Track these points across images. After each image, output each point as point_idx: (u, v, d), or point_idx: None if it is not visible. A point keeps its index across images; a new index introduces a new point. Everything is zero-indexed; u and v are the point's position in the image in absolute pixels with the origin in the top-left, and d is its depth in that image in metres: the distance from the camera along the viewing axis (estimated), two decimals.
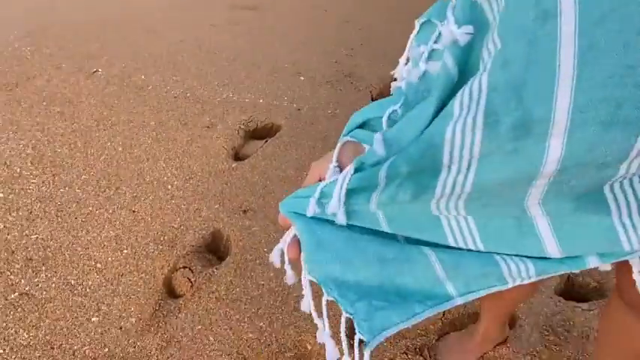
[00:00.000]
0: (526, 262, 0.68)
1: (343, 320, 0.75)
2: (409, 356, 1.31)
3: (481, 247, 0.68)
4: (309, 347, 1.37)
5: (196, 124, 2.11)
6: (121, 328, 1.37)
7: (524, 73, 0.52)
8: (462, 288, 0.70)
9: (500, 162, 0.57)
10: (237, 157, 2.00)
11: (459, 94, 0.59)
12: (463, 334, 1.35)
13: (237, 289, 1.47)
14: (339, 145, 0.78)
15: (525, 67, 0.52)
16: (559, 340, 1.37)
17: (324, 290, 0.74)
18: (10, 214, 1.67)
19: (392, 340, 1.35)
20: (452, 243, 0.70)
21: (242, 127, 2.08)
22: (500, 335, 1.32)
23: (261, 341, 1.36)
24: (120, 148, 1.96)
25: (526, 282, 0.68)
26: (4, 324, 1.36)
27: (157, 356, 1.31)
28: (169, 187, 1.81)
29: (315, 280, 0.73)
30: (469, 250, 0.69)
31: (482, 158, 0.58)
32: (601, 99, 0.49)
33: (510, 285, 0.68)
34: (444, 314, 1.42)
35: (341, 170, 0.73)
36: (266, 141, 2.03)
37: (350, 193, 0.67)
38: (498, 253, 0.69)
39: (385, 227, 0.72)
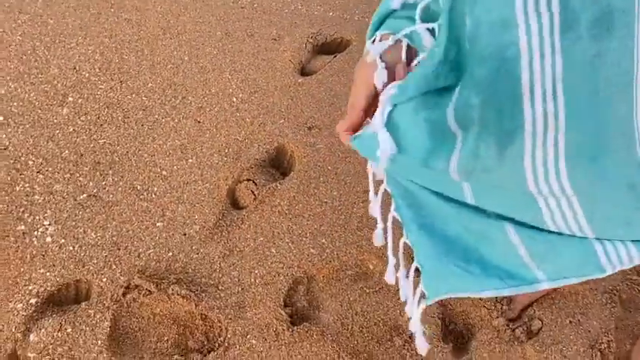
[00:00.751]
0: (628, 245, 0.59)
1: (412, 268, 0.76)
2: None
3: (588, 232, 0.60)
4: (371, 267, 1.34)
5: (263, 36, 2.03)
6: (185, 234, 1.38)
7: None
8: (552, 274, 0.63)
9: (588, 69, 0.48)
10: (304, 71, 1.92)
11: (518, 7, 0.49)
12: None
13: (300, 205, 1.44)
14: (377, 41, 0.71)
15: None
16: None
17: (404, 231, 0.74)
18: (79, 118, 1.68)
19: None
20: (551, 227, 0.62)
21: (310, 40, 1.98)
22: None
23: (323, 257, 1.34)
24: (186, 58, 1.92)
25: (627, 267, 0.61)
26: (74, 223, 1.40)
27: (219, 263, 1.32)
28: (234, 99, 1.76)
29: (398, 218, 0.74)
30: (563, 235, 0.62)
31: (567, 69, 0.49)
32: None
33: (609, 273, 0.61)
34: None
35: (389, 71, 0.67)
36: (335, 56, 1.94)
37: (427, 155, 0.59)
38: (600, 239, 0.60)
39: (470, 200, 0.66)
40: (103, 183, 1.50)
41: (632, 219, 0.57)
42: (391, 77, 0.68)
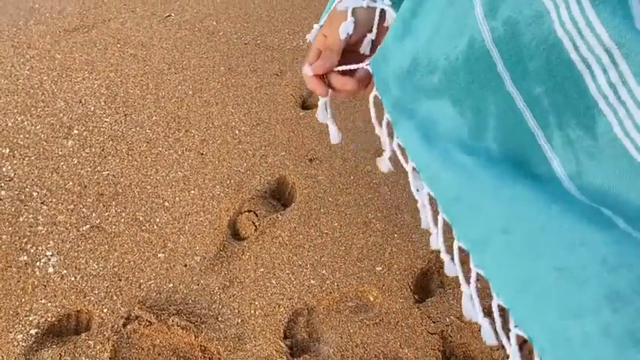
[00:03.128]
0: None
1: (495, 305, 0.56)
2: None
3: None
4: (372, 299, 1.34)
5: (265, 71, 2.08)
6: (185, 265, 1.39)
7: None
8: None
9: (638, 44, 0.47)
10: (305, 105, 1.96)
11: None
12: None
13: (301, 236, 1.45)
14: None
15: None
16: None
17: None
18: (83, 150, 1.71)
19: (459, 297, 1.30)
20: None
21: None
22: None
23: (323, 289, 1.34)
24: (190, 92, 1.96)
25: None
26: (76, 253, 1.41)
27: (219, 295, 1.32)
28: (237, 132, 1.79)
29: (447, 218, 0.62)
30: None
31: (613, 36, 0.48)
32: None
33: None
34: None
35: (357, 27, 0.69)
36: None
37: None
38: None
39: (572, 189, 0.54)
40: (106, 214, 1.51)
41: None
42: (359, 33, 0.70)
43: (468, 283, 0.59)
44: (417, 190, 0.67)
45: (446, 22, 0.60)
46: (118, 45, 2.20)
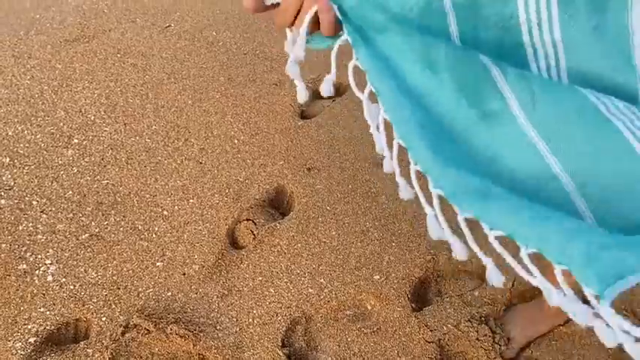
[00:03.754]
0: None
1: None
2: (474, 324, 1.26)
3: None
4: (369, 307, 1.35)
5: (264, 81, 2.09)
6: (184, 274, 1.39)
7: None
8: None
9: (589, 38, 0.51)
10: (304, 115, 1.97)
11: None
12: (533, 305, 1.28)
13: (299, 245, 1.46)
14: None
15: None
16: (639, 323, 1.28)
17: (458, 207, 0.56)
18: (83, 159, 1.72)
19: (456, 306, 1.31)
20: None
21: (310, 85, 2.04)
22: None
23: (321, 297, 1.34)
24: (189, 102, 1.97)
25: None
26: (75, 262, 1.41)
27: (217, 303, 1.33)
28: (236, 141, 1.81)
29: (441, 193, 0.57)
30: None
31: (566, 42, 0.53)
32: None
33: None
34: (512, 284, 1.35)
35: None
36: (333, 100, 1.99)
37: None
38: None
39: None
40: (105, 223, 1.52)
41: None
42: None
43: (431, 205, 0.59)
44: (372, 119, 0.64)
45: None
46: (118, 55, 2.21)
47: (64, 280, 1.37)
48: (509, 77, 0.54)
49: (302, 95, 0.69)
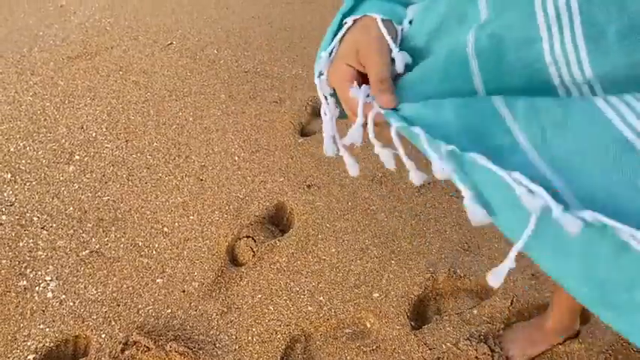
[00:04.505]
0: None
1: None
2: (473, 343, 1.26)
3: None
4: (368, 325, 1.35)
5: (265, 99, 2.11)
6: (184, 291, 1.40)
7: None
8: None
9: (622, 82, 0.48)
10: (304, 132, 1.98)
11: (537, 9, 0.50)
12: (531, 323, 1.28)
13: (299, 262, 1.47)
14: (381, 26, 0.62)
15: None
16: None
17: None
18: (84, 175, 1.73)
19: (455, 324, 1.31)
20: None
21: (310, 103, 2.06)
22: (571, 328, 1.25)
23: (320, 315, 1.34)
24: (190, 119, 1.99)
25: None
26: (75, 278, 1.42)
27: (217, 321, 1.33)
28: (236, 158, 1.82)
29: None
30: None
31: (600, 80, 0.49)
32: None
33: None
34: (511, 302, 1.35)
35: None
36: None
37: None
38: None
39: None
40: (106, 239, 1.53)
41: None
42: None
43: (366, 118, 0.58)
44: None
45: (450, 16, 0.59)
46: (120, 72, 2.24)
47: (63, 296, 1.37)
48: (518, 112, 0.52)
49: (353, 170, 0.65)
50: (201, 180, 1.73)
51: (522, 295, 1.37)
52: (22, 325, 1.30)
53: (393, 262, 1.47)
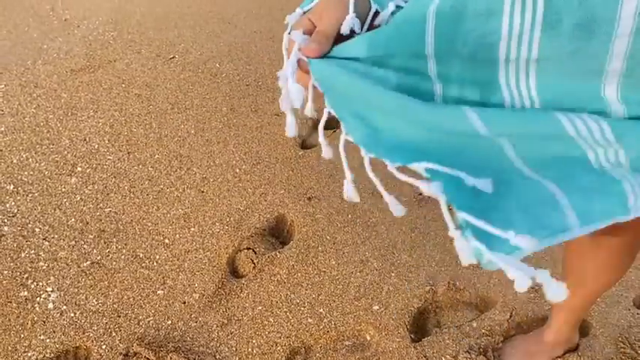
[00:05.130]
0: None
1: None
2: (472, 356, 1.26)
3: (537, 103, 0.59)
4: (368, 338, 1.35)
5: (266, 112, 2.13)
6: (184, 302, 1.40)
7: None
8: (582, 217, 0.55)
9: (562, 62, 0.53)
10: (305, 145, 2.00)
11: None
12: (530, 336, 1.28)
13: (299, 274, 1.47)
14: None
15: None
16: (636, 355, 1.29)
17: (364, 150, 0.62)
18: (86, 187, 1.74)
19: (455, 337, 1.31)
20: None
21: (310, 116, 2.08)
22: (570, 341, 1.25)
23: (320, 327, 1.35)
24: (192, 131, 2.01)
25: None
26: (76, 289, 1.42)
27: (217, 332, 1.33)
28: (237, 170, 1.83)
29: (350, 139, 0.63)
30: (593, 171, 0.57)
31: (541, 60, 0.54)
32: None
33: (633, 215, 0.55)
34: (510, 316, 1.36)
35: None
36: (334, 131, 2.02)
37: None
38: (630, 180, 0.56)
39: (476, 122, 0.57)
40: (107, 251, 1.53)
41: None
42: None
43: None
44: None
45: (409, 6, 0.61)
46: (123, 85, 2.26)
47: (64, 307, 1.37)
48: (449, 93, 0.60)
49: (291, 129, 0.69)
50: (203, 192, 1.74)
51: (521, 308, 1.38)
52: (22, 335, 1.30)
53: (392, 274, 1.48)
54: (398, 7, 0.69)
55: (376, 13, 0.70)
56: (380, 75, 0.60)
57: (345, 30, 0.64)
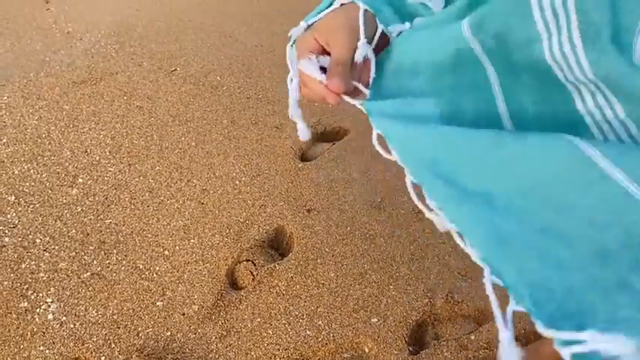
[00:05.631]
0: None
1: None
2: None
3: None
4: (367, 350, 1.35)
5: (266, 124, 2.15)
6: (183, 314, 1.41)
7: None
8: None
9: (627, 75, 0.48)
10: (304, 157, 2.01)
11: (535, 10, 0.51)
12: (529, 349, 1.29)
13: (298, 286, 1.48)
14: (360, 15, 0.65)
15: None
16: None
17: (510, 294, 0.48)
18: (87, 198, 1.75)
19: (453, 350, 1.31)
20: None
21: (310, 129, 2.10)
22: None
23: (319, 339, 1.35)
24: (193, 143, 2.02)
25: None
26: (76, 300, 1.43)
27: (216, 344, 1.33)
28: (237, 182, 1.84)
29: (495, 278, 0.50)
30: None
31: (601, 79, 0.50)
32: None
33: None
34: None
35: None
36: (333, 144, 2.04)
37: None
38: None
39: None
40: (107, 262, 1.54)
41: None
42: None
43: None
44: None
45: (433, 38, 0.61)
46: (125, 97, 2.28)
47: (64, 318, 1.38)
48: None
49: (304, 134, 0.69)
50: (203, 204, 1.75)
51: (519, 321, 1.38)
52: (22, 346, 1.31)
53: (391, 287, 1.48)
54: (400, 33, 0.70)
55: (382, 33, 0.71)
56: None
57: (358, 58, 0.64)
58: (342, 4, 0.68)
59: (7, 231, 1.61)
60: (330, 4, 0.70)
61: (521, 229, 0.47)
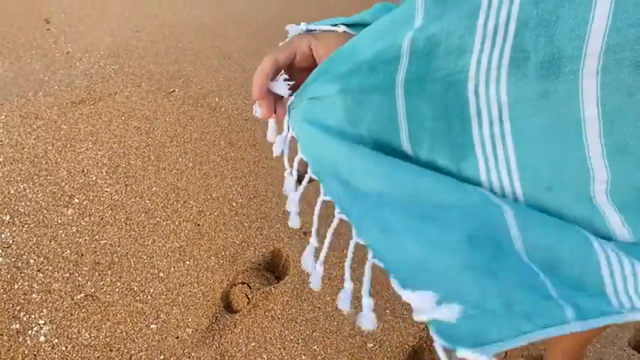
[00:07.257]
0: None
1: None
2: None
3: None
4: None
5: (264, 146, 2.15)
6: (177, 337, 1.39)
7: (557, 9, 0.47)
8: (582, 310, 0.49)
9: (535, 103, 0.51)
10: (301, 180, 2.01)
11: (479, 27, 0.51)
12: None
13: (293, 310, 1.47)
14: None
15: (559, 3, 0.47)
16: None
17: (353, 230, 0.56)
18: (83, 218, 1.74)
19: None
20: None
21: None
22: None
23: None
24: (190, 164, 2.02)
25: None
26: (69, 322, 1.41)
27: None
28: (234, 204, 1.84)
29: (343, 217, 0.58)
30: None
31: (511, 99, 0.52)
32: (637, 39, 0.45)
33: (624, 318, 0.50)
34: (505, 355, 1.35)
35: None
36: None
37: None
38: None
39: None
40: (101, 283, 1.53)
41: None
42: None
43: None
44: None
45: (383, 27, 0.61)
46: (123, 118, 2.28)
47: (56, 340, 1.36)
48: (420, 162, 0.60)
49: (316, 283, 0.64)
50: (199, 225, 1.74)
51: (516, 348, 1.37)
52: None
53: (387, 311, 1.47)
54: None
55: None
56: (355, 134, 0.60)
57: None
58: (344, 31, 0.69)
59: (1, 251, 1.60)
60: (336, 25, 0.71)
61: (403, 219, 0.53)
